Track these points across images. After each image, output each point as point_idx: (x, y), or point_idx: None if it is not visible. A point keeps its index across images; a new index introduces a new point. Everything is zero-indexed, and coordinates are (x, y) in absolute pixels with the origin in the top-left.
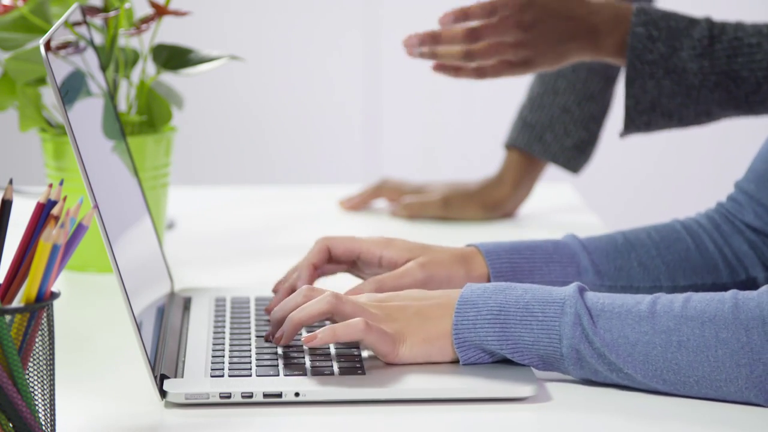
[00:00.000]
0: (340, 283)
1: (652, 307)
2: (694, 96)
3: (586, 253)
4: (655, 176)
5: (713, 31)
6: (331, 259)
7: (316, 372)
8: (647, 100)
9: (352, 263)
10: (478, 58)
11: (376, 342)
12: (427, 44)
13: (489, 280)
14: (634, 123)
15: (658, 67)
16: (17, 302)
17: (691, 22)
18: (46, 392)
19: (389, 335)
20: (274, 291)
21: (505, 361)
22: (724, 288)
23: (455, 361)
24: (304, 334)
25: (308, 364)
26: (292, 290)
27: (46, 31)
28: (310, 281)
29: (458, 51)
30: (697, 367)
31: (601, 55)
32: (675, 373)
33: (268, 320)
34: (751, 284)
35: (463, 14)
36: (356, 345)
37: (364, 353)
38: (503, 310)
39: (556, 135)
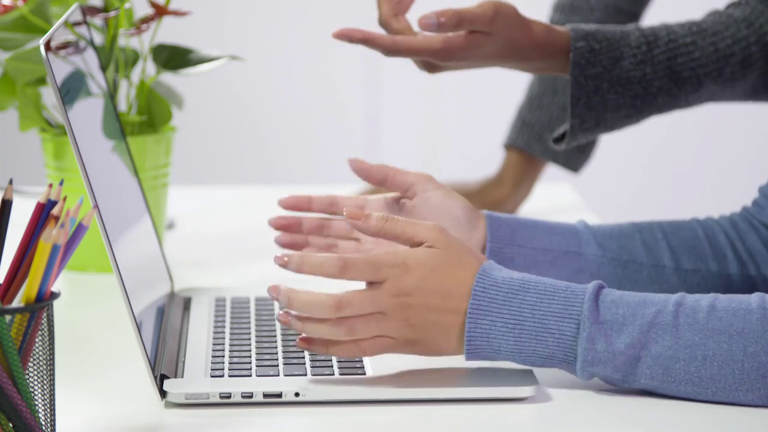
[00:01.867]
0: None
1: (675, 318)
2: (639, 105)
3: (588, 229)
4: (654, 176)
5: (648, 37)
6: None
7: (316, 372)
8: (592, 118)
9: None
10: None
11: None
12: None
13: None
14: (576, 139)
15: (602, 81)
16: (17, 302)
17: (623, 32)
18: (46, 392)
19: (400, 347)
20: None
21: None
22: (730, 278)
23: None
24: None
25: (308, 364)
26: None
27: (46, 31)
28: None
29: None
30: (720, 380)
31: None
32: (695, 385)
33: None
34: (762, 281)
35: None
36: None
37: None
38: (518, 324)
39: None
